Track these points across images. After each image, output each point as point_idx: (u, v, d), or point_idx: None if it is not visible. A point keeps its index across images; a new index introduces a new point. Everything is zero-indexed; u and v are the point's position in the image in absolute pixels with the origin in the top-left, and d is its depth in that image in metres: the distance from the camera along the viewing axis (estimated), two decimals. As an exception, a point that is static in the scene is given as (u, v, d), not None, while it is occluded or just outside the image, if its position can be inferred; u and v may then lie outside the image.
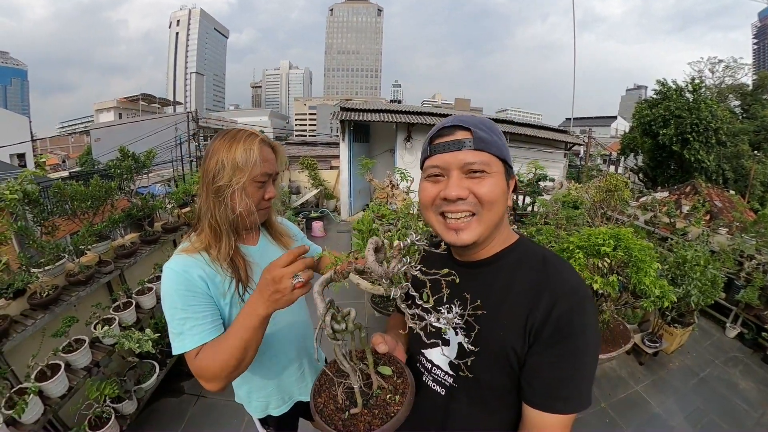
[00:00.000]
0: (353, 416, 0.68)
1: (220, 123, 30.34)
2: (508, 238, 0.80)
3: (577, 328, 0.65)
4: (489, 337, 0.71)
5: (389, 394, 0.71)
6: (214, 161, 0.94)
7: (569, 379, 0.66)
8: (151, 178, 11.03)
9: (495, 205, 0.71)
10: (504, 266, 0.77)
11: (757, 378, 3.23)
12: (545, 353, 0.66)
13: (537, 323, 0.67)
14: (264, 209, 1.05)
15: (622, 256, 2.50)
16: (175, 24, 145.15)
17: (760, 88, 17.66)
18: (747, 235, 4.37)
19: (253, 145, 0.95)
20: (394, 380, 0.74)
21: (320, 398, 0.74)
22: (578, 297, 0.68)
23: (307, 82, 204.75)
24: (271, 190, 1.03)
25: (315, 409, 0.71)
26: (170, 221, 3.06)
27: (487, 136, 0.71)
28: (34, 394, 1.55)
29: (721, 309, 4.06)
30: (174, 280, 0.92)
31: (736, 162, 14.28)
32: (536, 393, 0.68)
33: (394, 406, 0.68)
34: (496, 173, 0.72)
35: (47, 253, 2.00)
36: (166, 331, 2.50)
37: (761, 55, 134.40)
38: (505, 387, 0.73)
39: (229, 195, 0.94)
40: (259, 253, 1.10)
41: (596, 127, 34.00)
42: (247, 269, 1.02)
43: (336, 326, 0.68)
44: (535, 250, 0.79)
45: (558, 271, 0.72)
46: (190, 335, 0.90)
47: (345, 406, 0.71)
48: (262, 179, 0.98)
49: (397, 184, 4.25)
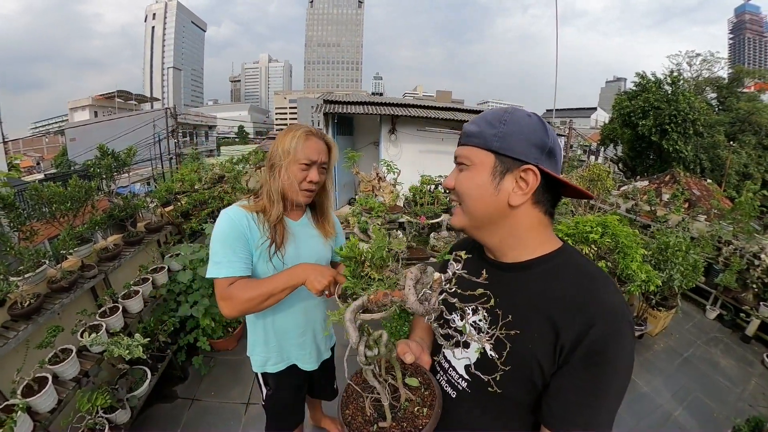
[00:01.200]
0: (382, 429, 0.68)
1: (198, 119, 29.56)
2: (545, 244, 0.75)
3: (611, 355, 0.61)
4: (515, 347, 0.66)
5: (417, 407, 0.70)
6: (274, 146, 1.22)
7: (591, 406, 0.62)
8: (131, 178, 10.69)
9: (469, 198, 0.73)
10: (538, 274, 0.72)
11: (736, 356, 3.39)
12: (572, 377, 0.63)
13: (569, 344, 0.62)
14: (306, 190, 1.23)
15: (610, 243, 2.56)
16: (150, 17, 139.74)
17: (736, 81, 18.32)
18: (724, 222, 4.54)
19: (300, 136, 1.18)
20: (422, 392, 0.73)
21: (348, 410, 0.73)
22: (617, 321, 0.63)
23: (287, 75, 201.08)
24: (314, 175, 1.21)
25: (343, 421, 0.71)
26: (153, 221, 2.96)
27: (475, 128, 0.72)
28: (22, 411, 1.47)
29: (702, 292, 4.23)
30: (228, 223, 1.19)
31: (713, 152, 14.83)
32: (554, 415, 0.64)
33: (422, 419, 0.68)
34: (477, 166, 0.71)
35: (26, 259, 1.90)
36: (155, 335, 2.46)
37: (737, 49, 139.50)
38: (520, 400, 0.69)
39: (278, 171, 1.19)
40: (298, 227, 1.33)
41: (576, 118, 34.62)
42: (284, 236, 1.25)
43: (369, 353, 0.67)
44: (576, 262, 0.73)
45: (599, 288, 0.67)
46: (227, 266, 1.14)
47: (373, 418, 0.70)
48: (305, 162, 1.18)
49: (384, 177, 4.23)
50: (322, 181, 1.28)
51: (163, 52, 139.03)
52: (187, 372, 2.75)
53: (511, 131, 0.69)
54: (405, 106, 8.87)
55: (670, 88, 14.02)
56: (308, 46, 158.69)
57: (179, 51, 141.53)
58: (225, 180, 4.19)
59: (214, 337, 2.83)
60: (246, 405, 2.48)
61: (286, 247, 1.25)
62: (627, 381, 0.65)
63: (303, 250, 1.31)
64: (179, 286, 2.67)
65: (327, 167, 1.28)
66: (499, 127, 0.69)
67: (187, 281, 2.65)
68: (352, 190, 9.15)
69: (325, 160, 1.25)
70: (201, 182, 3.94)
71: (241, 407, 2.47)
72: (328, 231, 1.40)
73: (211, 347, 2.83)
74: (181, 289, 2.68)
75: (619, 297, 0.67)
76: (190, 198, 3.53)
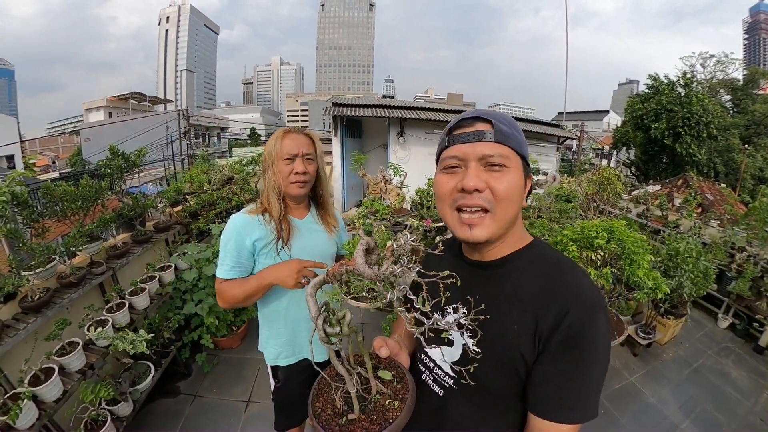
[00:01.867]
0: (351, 422, 0.67)
1: (211, 120, 30.02)
2: (521, 239, 0.78)
3: (588, 338, 0.64)
4: (496, 341, 0.70)
5: (389, 400, 0.69)
6: (264, 152, 1.34)
7: (575, 389, 0.64)
8: (143, 178, 10.90)
9: (510, 202, 0.69)
10: (516, 268, 0.74)
11: (748, 367, 3.29)
12: (553, 362, 0.65)
13: (547, 331, 0.65)
14: (296, 182, 1.31)
15: (616, 249, 2.51)
16: (164, 21, 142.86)
17: (751, 82, 17.91)
18: (738, 228, 4.42)
19: (279, 135, 1.32)
20: (394, 385, 0.73)
21: (318, 402, 0.73)
22: (592, 306, 0.66)
23: (298, 78, 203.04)
24: (299, 166, 1.29)
25: (312, 413, 0.70)
26: (162, 220, 3.02)
27: (507, 129, 0.70)
28: (28, 399, 1.52)
29: (713, 300, 4.13)
30: (231, 229, 1.31)
31: (727, 156, 14.49)
32: (540, 401, 0.66)
33: (393, 412, 0.67)
34: (514, 168, 0.69)
35: (38, 255, 1.96)
36: (160, 331, 2.51)
37: (752, 50, 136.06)
38: (507, 392, 0.71)
39: (269, 171, 1.31)
40: (303, 225, 1.42)
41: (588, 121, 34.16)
42: (290, 233, 1.35)
43: (329, 330, 0.67)
44: (549, 254, 0.76)
45: (573, 276, 0.70)
46: (223, 269, 1.30)
47: (343, 411, 0.69)
48: (288, 157, 1.29)
49: (390, 179, 4.23)
50: (311, 171, 1.34)
51: (176, 54, 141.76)
52: (190, 369, 2.80)
53: (522, 135, 0.74)
54: (413, 109, 8.88)
55: (683, 90, 13.75)
56: (320, 48, 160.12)
57: (192, 53, 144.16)
58: (234, 181, 4.25)
59: (218, 335, 2.87)
60: (247, 403, 2.51)
61: (292, 243, 1.34)
62: (607, 362, 0.67)
63: (308, 246, 1.38)
64: (185, 284, 2.71)
65: (313, 157, 1.34)
66: (520, 132, 0.73)
67: (193, 280, 2.70)
68: (360, 192, 9.18)
69: (308, 151, 1.32)
70: (210, 183, 4.01)
71: (242, 405, 2.49)
72: (332, 224, 1.49)
73: (215, 345, 2.87)
74: (186, 288, 2.73)
75: (590, 283, 0.69)
76: (199, 198, 3.59)
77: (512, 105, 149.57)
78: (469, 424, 0.76)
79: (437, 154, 0.79)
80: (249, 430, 2.30)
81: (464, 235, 0.71)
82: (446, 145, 0.74)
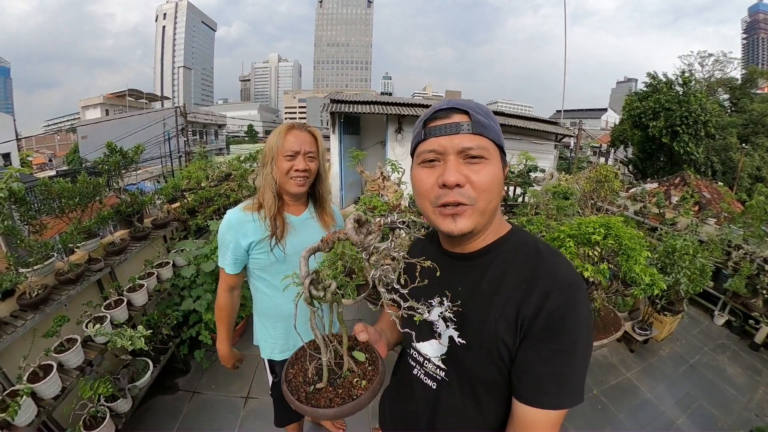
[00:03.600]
0: (318, 391, 0.70)
1: (208, 118, 29.88)
2: (500, 229, 0.78)
3: (569, 323, 0.64)
4: (480, 331, 0.70)
5: (357, 378, 0.71)
6: (266, 146, 1.33)
7: (559, 375, 0.64)
8: (140, 175, 10.85)
9: (491, 194, 0.68)
10: (496, 258, 0.74)
11: (744, 364, 3.32)
12: (536, 348, 0.65)
13: (528, 317, 0.65)
14: (296, 179, 1.30)
15: (613, 245, 2.52)
16: (161, 17, 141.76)
17: (749, 82, 17.97)
18: (735, 226, 4.45)
19: (282, 131, 1.29)
20: (366, 366, 0.75)
21: (292, 369, 0.76)
22: (571, 291, 0.66)
23: (296, 75, 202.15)
24: (300, 163, 1.28)
25: (284, 378, 0.73)
26: (160, 217, 3.01)
27: (485, 120, 0.68)
28: (27, 396, 1.52)
29: (710, 297, 4.16)
30: (227, 227, 1.33)
31: (725, 154, 14.57)
32: (525, 387, 0.66)
33: (358, 390, 0.69)
34: (493, 159, 0.69)
35: (36, 252, 1.95)
36: (158, 328, 2.51)
37: (750, 49, 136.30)
38: (496, 381, 0.71)
39: (268, 167, 1.29)
40: (300, 222, 1.40)
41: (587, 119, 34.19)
42: (285, 230, 1.33)
43: (314, 292, 0.68)
44: (527, 241, 0.76)
45: (551, 262, 0.70)
46: (226, 262, 1.37)
47: (313, 380, 0.72)
48: (289, 153, 1.27)
49: (388, 176, 4.23)
50: (312, 169, 1.33)
51: (173, 51, 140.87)
52: (188, 365, 2.80)
53: (498, 125, 0.73)
54: (411, 106, 8.86)
55: (681, 89, 13.79)
56: (318, 45, 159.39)
57: (189, 50, 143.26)
58: (232, 178, 4.24)
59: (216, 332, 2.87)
60: (245, 399, 2.52)
61: (286, 240, 1.33)
62: (590, 347, 0.68)
63: (303, 243, 1.35)
64: (183, 280, 2.71)
65: (315, 155, 1.33)
66: (496, 121, 0.72)
67: (191, 276, 2.69)
68: (358, 189, 9.17)
69: (310, 149, 1.30)
70: (208, 180, 3.99)
71: (240, 401, 2.50)
72: (328, 221, 1.46)
73: (213, 342, 2.86)
74: (185, 284, 2.73)
75: (570, 269, 0.70)
76: (197, 195, 3.57)
77: (510, 102, 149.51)
78: (465, 415, 0.77)
79: (412, 147, 0.77)
80: (247, 426, 2.31)
81: (448, 228, 0.69)
82: (422, 138, 0.71)
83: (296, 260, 1.37)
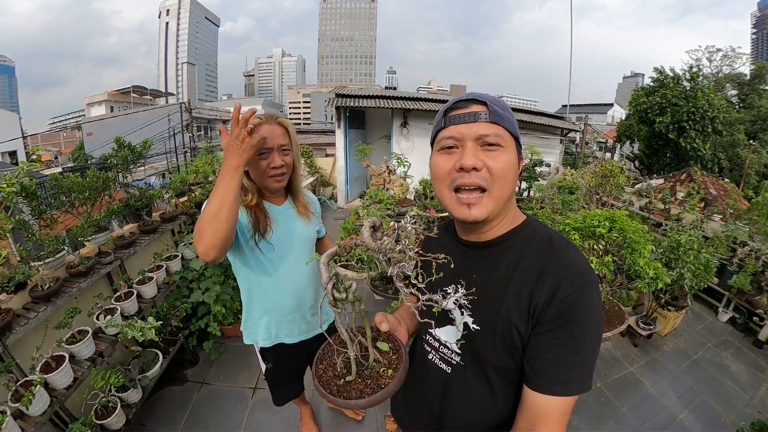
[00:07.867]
0: (348, 383, 0.72)
1: (213, 113, 29.94)
2: (515, 219, 0.81)
3: (581, 312, 0.66)
4: (494, 317, 0.73)
5: (383, 368, 0.74)
6: None
7: (569, 363, 0.66)
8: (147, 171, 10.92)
9: (506, 180, 0.71)
10: (510, 247, 0.77)
11: (747, 361, 3.31)
12: (547, 335, 0.67)
13: (541, 305, 0.67)
14: (274, 176, 1.28)
15: (617, 238, 2.53)
16: (164, 14, 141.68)
17: (758, 78, 17.69)
18: (740, 223, 4.42)
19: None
20: (390, 356, 0.77)
21: (321, 365, 0.79)
22: (583, 280, 0.68)
23: (300, 70, 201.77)
24: (276, 159, 1.26)
25: (315, 374, 0.76)
26: (168, 211, 3.05)
27: (501, 111, 0.72)
28: (40, 386, 1.56)
29: (714, 294, 4.14)
30: None
31: (732, 151, 14.39)
32: (536, 374, 0.68)
33: (386, 379, 0.72)
34: (509, 148, 0.72)
35: (47, 245, 1.99)
36: (167, 319, 2.55)
37: (760, 44, 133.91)
38: (508, 366, 0.74)
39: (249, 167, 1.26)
40: (281, 212, 1.40)
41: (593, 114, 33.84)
42: (266, 223, 1.31)
43: (337, 294, 0.72)
44: (541, 231, 0.78)
45: (564, 253, 0.72)
46: None
47: (342, 374, 0.75)
48: (263, 152, 1.24)
49: (394, 170, 4.24)
50: (288, 162, 1.31)
51: (177, 47, 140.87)
52: (197, 356, 2.85)
53: (515, 118, 0.76)
54: (417, 100, 8.84)
55: (688, 84, 13.62)
56: (322, 40, 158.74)
57: (193, 46, 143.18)
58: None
59: (225, 324, 2.91)
60: (253, 389, 2.56)
61: (272, 233, 1.33)
62: (599, 335, 0.70)
63: (287, 233, 1.40)
64: (192, 273, 2.75)
65: (289, 147, 1.31)
66: (512, 114, 0.75)
67: (200, 268, 2.73)
68: (363, 183, 9.18)
69: (283, 142, 1.28)
70: (215, 174, 4.03)
71: (248, 392, 2.54)
72: (307, 213, 1.47)
73: (222, 333, 2.92)
74: (193, 276, 2.76)
75: (583, 259, 0.72)
76: (204, 189, 3.61)
77: (516, 97, 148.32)
78: (477, 399, 0.80)
79: (432, 136, 0.80)
80: (256, 417, 2.35)
81: (463, 215, 0.73)
82: (442, 126, 0.75)
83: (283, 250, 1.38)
